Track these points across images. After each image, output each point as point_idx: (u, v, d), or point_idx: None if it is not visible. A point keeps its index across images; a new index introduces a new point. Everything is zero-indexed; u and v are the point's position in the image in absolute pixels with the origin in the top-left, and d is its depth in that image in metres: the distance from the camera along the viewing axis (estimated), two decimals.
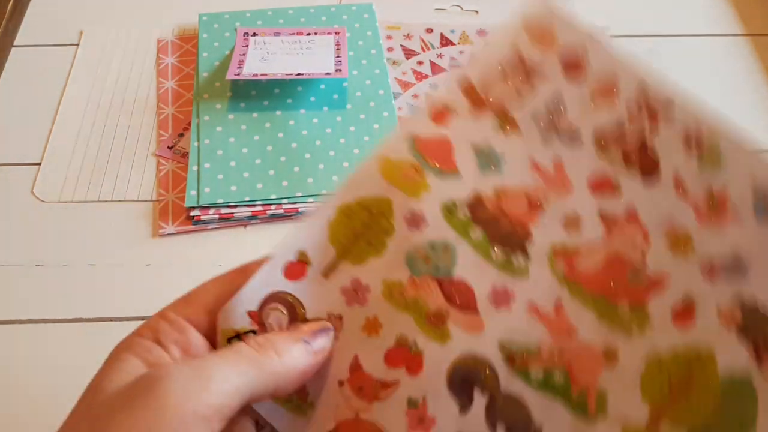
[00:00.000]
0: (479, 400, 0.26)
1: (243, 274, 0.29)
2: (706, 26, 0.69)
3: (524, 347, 0.27)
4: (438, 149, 0.29)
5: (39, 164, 0.59)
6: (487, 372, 0.27)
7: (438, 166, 0.29)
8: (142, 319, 0.50)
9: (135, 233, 0.55)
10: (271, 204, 0.55)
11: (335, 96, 0.62)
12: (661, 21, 0.69)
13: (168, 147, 0.60)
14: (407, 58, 0.66)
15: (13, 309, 0.51)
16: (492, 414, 0.26)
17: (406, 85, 0.64)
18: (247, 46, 0.63)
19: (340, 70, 0.61)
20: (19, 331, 0.50)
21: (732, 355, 0.25)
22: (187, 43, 0.67)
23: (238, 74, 0.60)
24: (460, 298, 0.27)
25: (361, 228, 0.29)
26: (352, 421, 0.27)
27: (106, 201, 0.57)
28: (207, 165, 0.57)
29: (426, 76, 0.65)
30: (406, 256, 0.28)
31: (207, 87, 0.62)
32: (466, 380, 0.27)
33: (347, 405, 0.27)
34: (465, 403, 0.27)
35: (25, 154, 0.59)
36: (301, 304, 0.28)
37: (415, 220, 0.28)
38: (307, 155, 0.58)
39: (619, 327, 0.26)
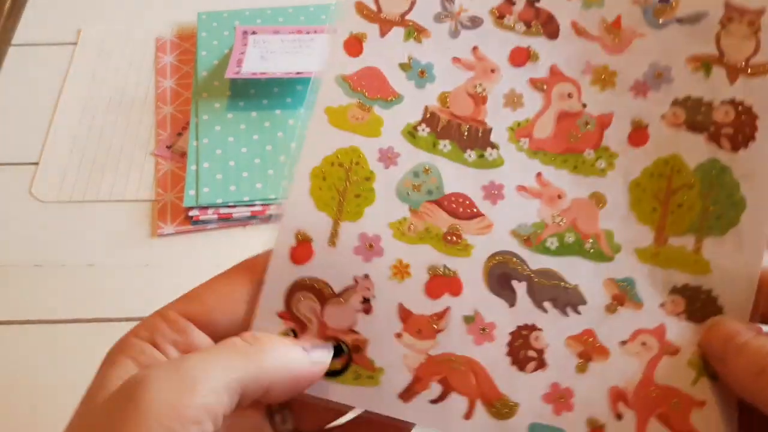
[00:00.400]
0: (520, 289, 0.29)
1: (246, 270, 0.28)
2: None
3: (531, 226, 0.29)
4: (371, 80, 0.30)
5: (37, 164, 0.58)
6: (515, 260, 0.29)
7: (380, 96, 0.30)
8: (140, 319, 0.50)
9: (133, 233, 0.55)
10: (270, 204, 0.55)
11: None
12: None
13: (166, 146, 0.59)
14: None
15: (11, 309, 0.51)
16: (534, 295, 0.29)
17: None
18: (246, 44, 0.63)
19: None
20: (19, 331, 0.50)
21: (693, 148, 0.29)
22: (185, 42, 0.67)
23: (237, 73, 0.60)
24: (462, 208, 0.29)
25: (342, 184, 0.29)
26: (425, 363, 0.28)
27: (104, 201, 0.56)
28: (206, 165, 0.57)
29: None
30: (397, 193, 0.29)
31: (206, 86, 0.62)
32: (502, 277, 0.29)
33: (414, 351, 0.28)
34: (510, 296, 0.29)
35: (23, 153, 0.59)
36: (324, 282, 0.28)
37: (387, 156, 0.29)
38: None
39: (592, 172, 0.29)
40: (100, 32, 0.68)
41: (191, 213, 0.54)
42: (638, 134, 0.29)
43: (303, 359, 0.26)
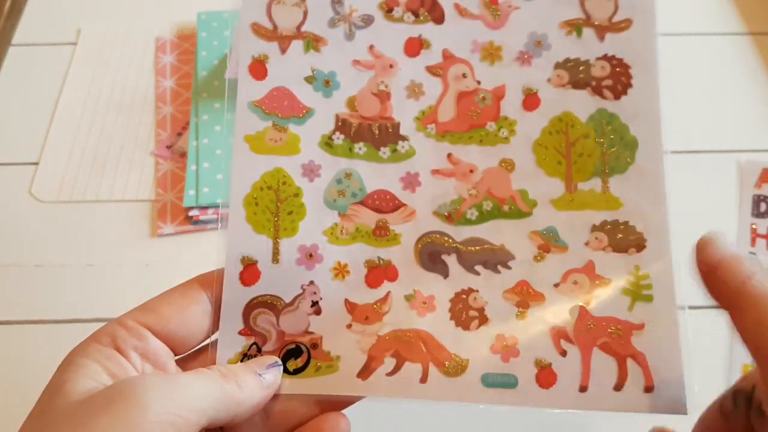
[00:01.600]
0: (451, 261, 0.32)
1: (199, 284, 0.30)
2: (708, 25, 0.69)
3: (450, 203, 0.32)
4: (281, 100, 0.32)
5: (37, 164, 0.58)
6: (441, 237, 0.32)
7: (292, 114, 0.32)
8: None
9: (133, 233, 0.55)
10: None
11: None
12: (663, 20, 0.69)
13: (166, 146, 0.59)
14: None
15: (11, 309, 0.51)
16: (465, 262, 0.32)
17: None
18: None
19: None
20: (18, 331, 0.50)
21: (580, 103, 0.32)
22: (185, 42, 0.67)
23: (237, 73, 0.60)
24: (385, 203, 0.32)
25: (274, 206, 0.32)
26: (377, 342, 0.31)
27: (104, 201, 0.56)
28: (206, 165, 0.57)
29: None
30: (325, 202, 0.32)
31: (206, 86, 0.62)
32: (432, 255, 0.32)
33: (365, 336, 0.31)
34: (443, 269, 0.31)
35: (23, 153, 0.59)
36: (275, 296, 0.31)
37: (310, 170, 0.32)
38: None
39: (497, 142, 0.32)
40: (100, 32, 0.68)
41: (191, 213, 0.55)
42: (531, 100, 0.33)
43: (260, 389, 0.28)
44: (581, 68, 0.33)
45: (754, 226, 0.55)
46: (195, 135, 0.59)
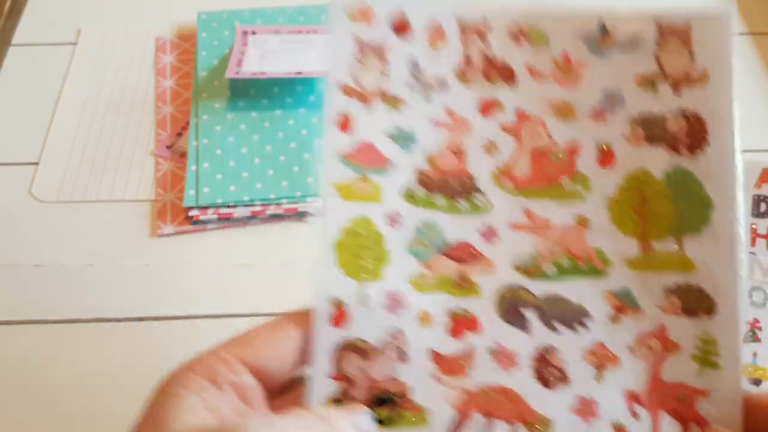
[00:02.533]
0: (531, 316, 0.32)
1: (291, 322, 0.30)
2: None
3: (530, 258, 0.32)
4: (367, 154, 0.33)
5: (37, 164, 0.59)
6: (521, 291, 0.32)
7: (376, 166, 0.33)
8: (140, 319, 0.51)
9: (133, 233, 0.55)
10: (270, 204, 0.55)
11: None
12: None
13: (166, 146, 0.59)
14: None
15: (11, 309, 0.51)
16: (545, 318, 0.32)
17: None
18: (246, 44, 0.63)
19: None
20: (19, 331, 0.50)
21: (656, 159, 0.32)
22: (185, 42, 0.67)
23: (237, 73, 0.60)
24: (465, 254, 0.33)
25: (361, 250, 0.33)
26: (464, 396, 0.31)
27: (104, 201, 0.56)
28: (206, 165, 0.57)
29: None
30: (408, 250, 0.33)
31: (206, 86, 0.62)
32: (512, 308, 0.32)
33: (452, 388, 0.31)
34: (523, 324, 0.32)
35: (23, 153, 0.59)
36: (363, 340, 0.32)
37: (393, 219, 0.33)
38: (307, 155, 0.58)
39: (572, 198, 0.33)
40: (100, 32, 0.68)
41: (191, 213, 0.54)
42: (605, 156, 0.32)
43: None
44: (657, 123, 0.32)
45: (754, 226, 0.55)
46: (195, 135, 0.59)
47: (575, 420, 0.31)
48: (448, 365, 0.31)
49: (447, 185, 0.33)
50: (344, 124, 0.34)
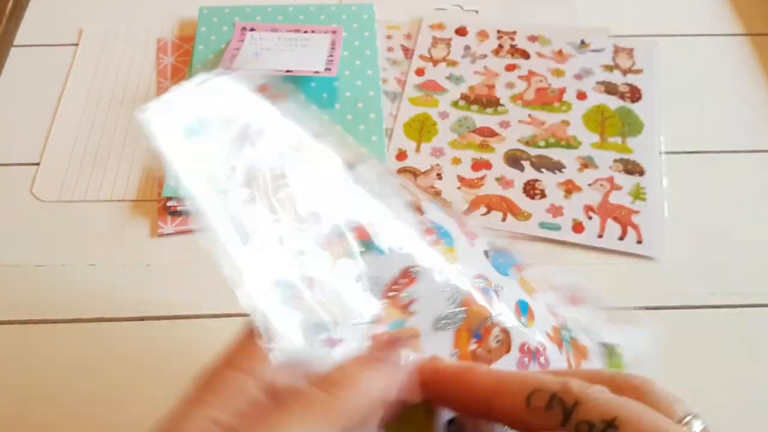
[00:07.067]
0: (526, 165, 0.58)
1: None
2: (706, 26, 0.69)
3: (529, 137, 0.60)
4: (431, 86, 0.63)
5: (38, 164, 0.59)
6: (520, 151, 0.59)
7: (437, 90, 0.63)
8: (141, 319, 0.51)
9: (133, 233, 0.55)
10: None
11: (324, 95, 0.62)
12: (661, 21, 0.69)
13: None
14: (407, 58, 0.66)
15: (12, 309, 0.51)
16: (535, 166, 0.57)
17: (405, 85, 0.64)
18: (242, 40, 0.63)
19: (329, 69, 0.60)
20: (19, 331, 0.50)
21: (610, 102, 0.63)
22: (186, 43, 0.67)
23: (228, 68, 0.60)
24: (487, 132, 0.60)
25: (422, 127, 0.60)
26: (476, 199, 0.56)
27: (105, 201, 0.56)
28: None
29: None
30: (450, 129, 0.60)
31: None
32: (515, 159, 0.58)
33: (470, 195, 0.56)
34: (521, 168, 0.58)
35: (24, 153, 0.59)
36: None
37: (443, 115, 0.61)
38: None
39: (560, 112, 0.62)
40: (102, 33, 0.68)
41: (169, 203, 0.55)
42: (581, 95, 0.62)
43: (382, 380, 0.24)
44: (611, 85, 0.62)
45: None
46: None
47: (547, 215, 0.54)
48: (468, 183, 0.56)
49: (480, 101, 0.61)
50: (420, 72, 0.63)
